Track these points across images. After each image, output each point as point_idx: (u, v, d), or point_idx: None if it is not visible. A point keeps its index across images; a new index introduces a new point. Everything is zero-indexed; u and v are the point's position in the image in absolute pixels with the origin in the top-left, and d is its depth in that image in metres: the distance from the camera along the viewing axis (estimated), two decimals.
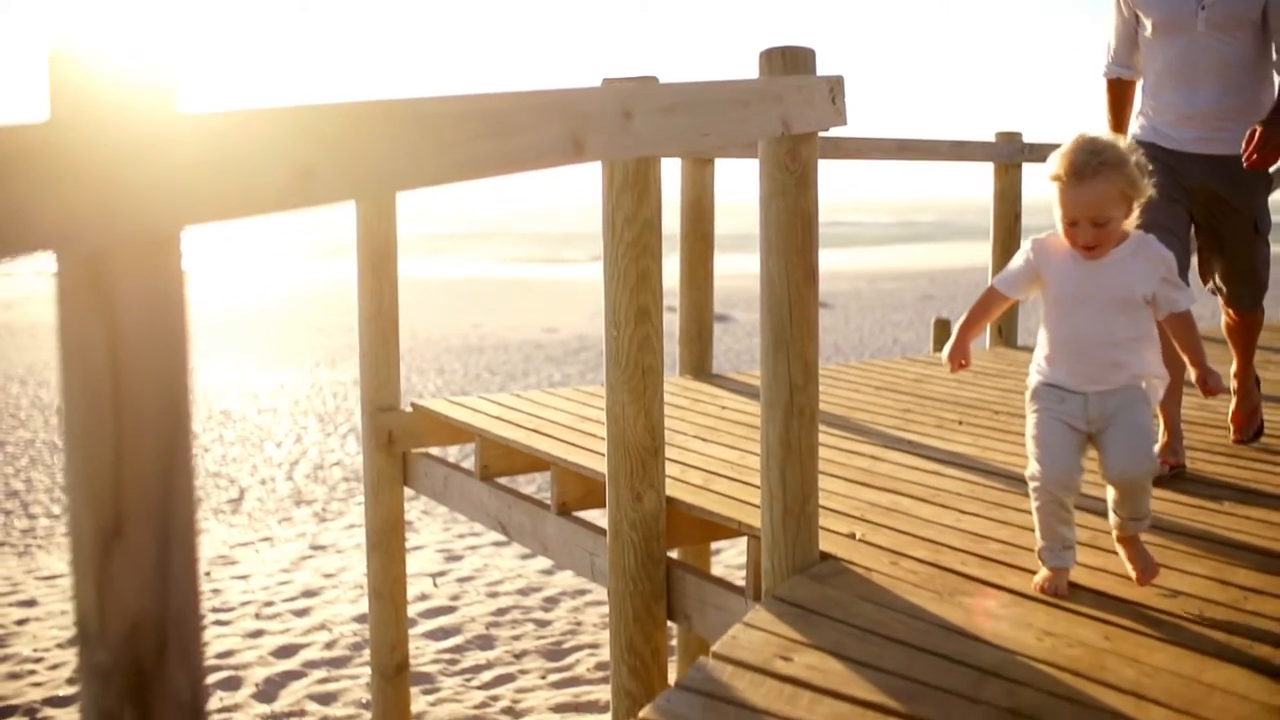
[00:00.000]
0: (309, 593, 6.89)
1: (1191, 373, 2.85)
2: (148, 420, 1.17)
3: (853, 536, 3.16)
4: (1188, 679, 2.29)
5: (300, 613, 6.56)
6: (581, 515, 3.92)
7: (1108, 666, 2.34)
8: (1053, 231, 2.80)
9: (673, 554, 3.51)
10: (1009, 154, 6.71)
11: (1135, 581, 2.80)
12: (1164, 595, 2.73)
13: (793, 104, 2.60)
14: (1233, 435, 4.33)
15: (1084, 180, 2.66)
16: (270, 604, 6.69)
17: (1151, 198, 2.75)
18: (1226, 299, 4.21)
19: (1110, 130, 4.10)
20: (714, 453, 4.07)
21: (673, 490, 3.46)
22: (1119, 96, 4.21)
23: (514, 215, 72.79)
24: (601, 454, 3.48)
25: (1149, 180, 2.73)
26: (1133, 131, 4.11)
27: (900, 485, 3.69)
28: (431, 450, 4.96)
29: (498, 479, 4.40)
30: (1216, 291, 4.23)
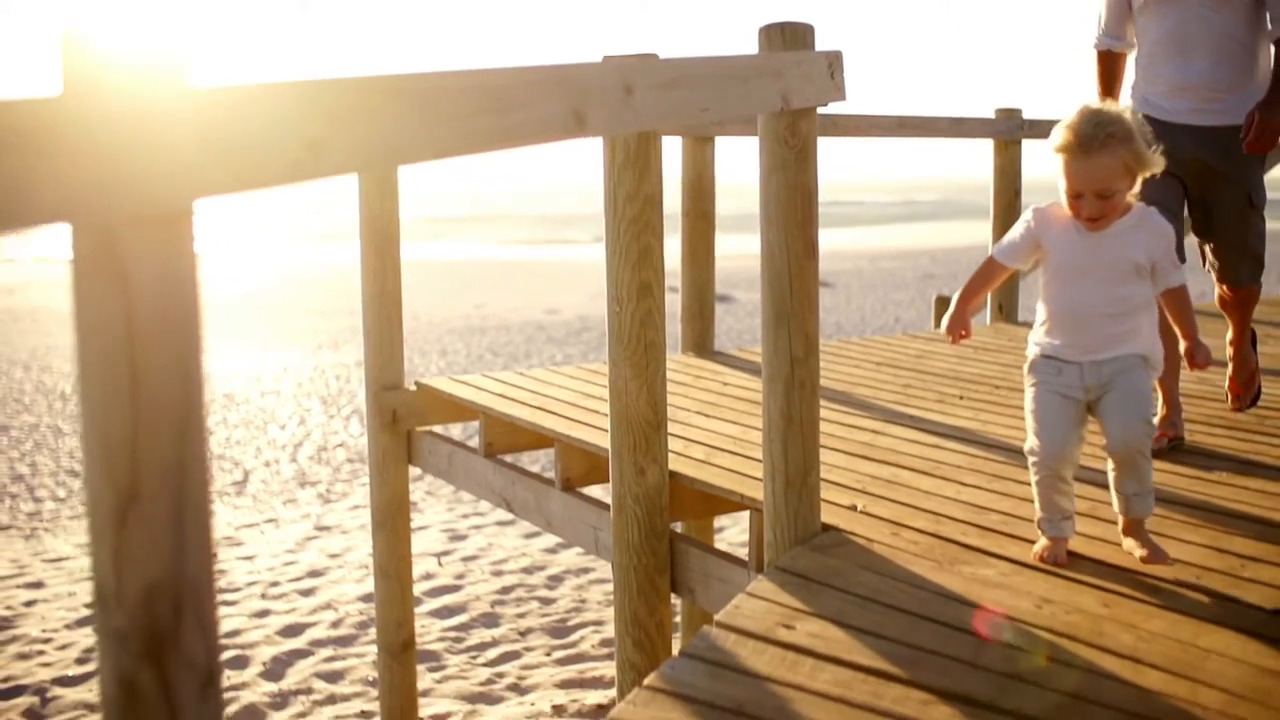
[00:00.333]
0: (314, 573, 6.93)
1: (1181, 345, 2.88)
2: (163, 389, 1.20)
3: (854, 508, 3.19)
4: (1184, 644, 2.32)
5: (306, 592, 6.60)
6: (585, 491, 3.95)
7: (1105, 632, 2.37)
8: (1054, 201, 2.81)
9: (676, 529, 3.55)
10: (1008, 130, 6.72)
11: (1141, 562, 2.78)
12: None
13: (792, 79, 2.62)
14: (1230, 404, 4.31)
15: (1090, 153, 2.65)
16: (276, 584, 6.73)
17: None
18: (1220, 274, 4.16)
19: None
20: (716, 428, 4.10)
21: (676, 465, 3.49)
22: (1109, 68, 4.19)
23: (515, 197, 72.76)
24: (605, 430, 3.51)
25: (1156, 150, 2.71)
26: (1123, 104, 4.11)
27: (901, 459, 3.72)
28: (435, 429, 4.99)
29: (502, 456, 4.43)
30: (1211, 268, 4.19)
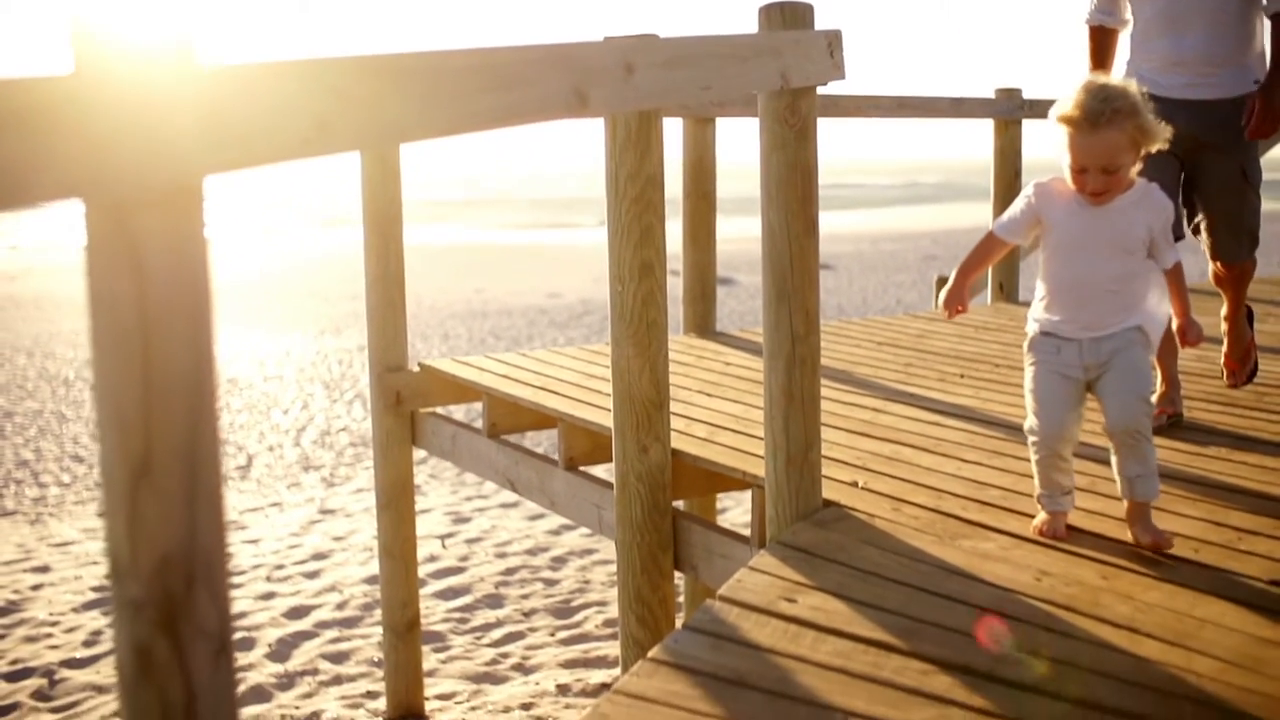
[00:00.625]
0: (319, 555, 6.96)
1: (1174, 322, 2.88)
2: (174, 363, 1.22)
3: (855, 485, 3.22)
4: (1180, 614, 2.35)
5: (311, 575, 6.63)
6: (589, 470, 3.98)
7: (1103, 603, 2.40)
8: (1055, 175, 2.80)
9: (679, 507, 3.57)
10: (1008, 110, 6.74)
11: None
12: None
13: (791, 58, 2.64)
14: (1226, 380, 4.30)
15: (1097, 128, 2.64)
16: (281, 567, 6.77)
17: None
18: (1214, 250, 4.13)
19: None
20: (718, 406, 4.13)
21: (678, 443, 3.52)
22: (1100, 44, 4.17)
23: (515, 181, 72.71)
24: (608, 409, 3.54)
25: (1161, 124, 2.71)
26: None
27: (902, 436, 3.75)
28: (438, 410, 5.02)
29: (505, 436, 4.46)
30: (1205, 245, 4.15)
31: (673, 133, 5.37)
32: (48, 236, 30.59)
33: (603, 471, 3.89)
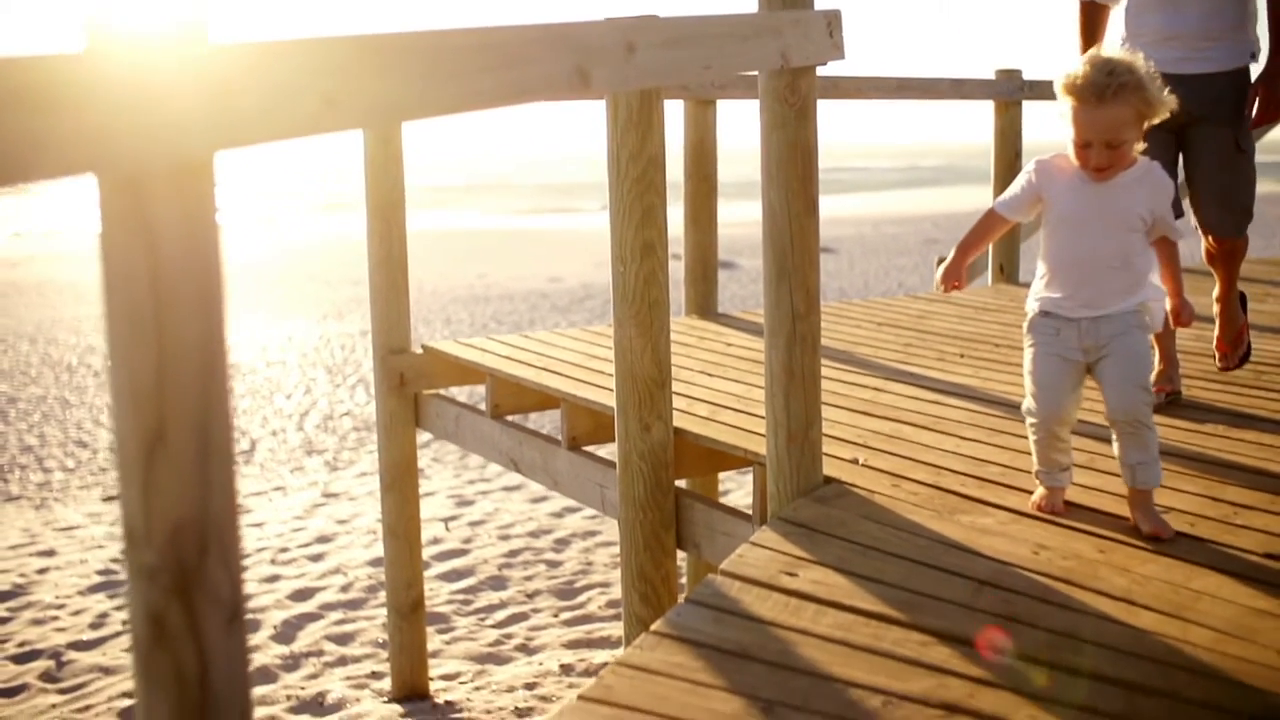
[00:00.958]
0: (323, 538, 7.00)
1: (1168, 301, 2.89)
2: (187, 334, 1.25)
3: (855, 462, 3.25)
4: (1176, 586, 2.38)
5: (315, 558, 6.67)
6: (591, 450, 4.01)
7: (1100, 576, 2.43)
8: (1057, 152, 2.80)
9: (681, 487, 3.60)
10: (1009, 91, 6.75)
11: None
12: (1157, 510, 2.82)
13: (791, 37, 2.66)
14: (1218, 363, 4.26)
15: (1103, 102, 2.63)
16: (285, 550, 6.81)
17: None
18: (1206, 224, 4.08)
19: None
20: (720, 386, 4.16)
21: (680, 422, 3.54)
22: (1091, 20, 4.16)
23: (515, 166, 72.65)
24: (610, 389, 3.56)
25: (1168, 97, 2.70)
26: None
27: (902, 414, 3.78)
28: (441, 392, 5.05)
29: (508, 417, 4.49)
30: (1198, 221, 4.10)
31: (674, 116, 5.40)
32: (51, 223, 30.60)
33: (606, 452, 3.92)
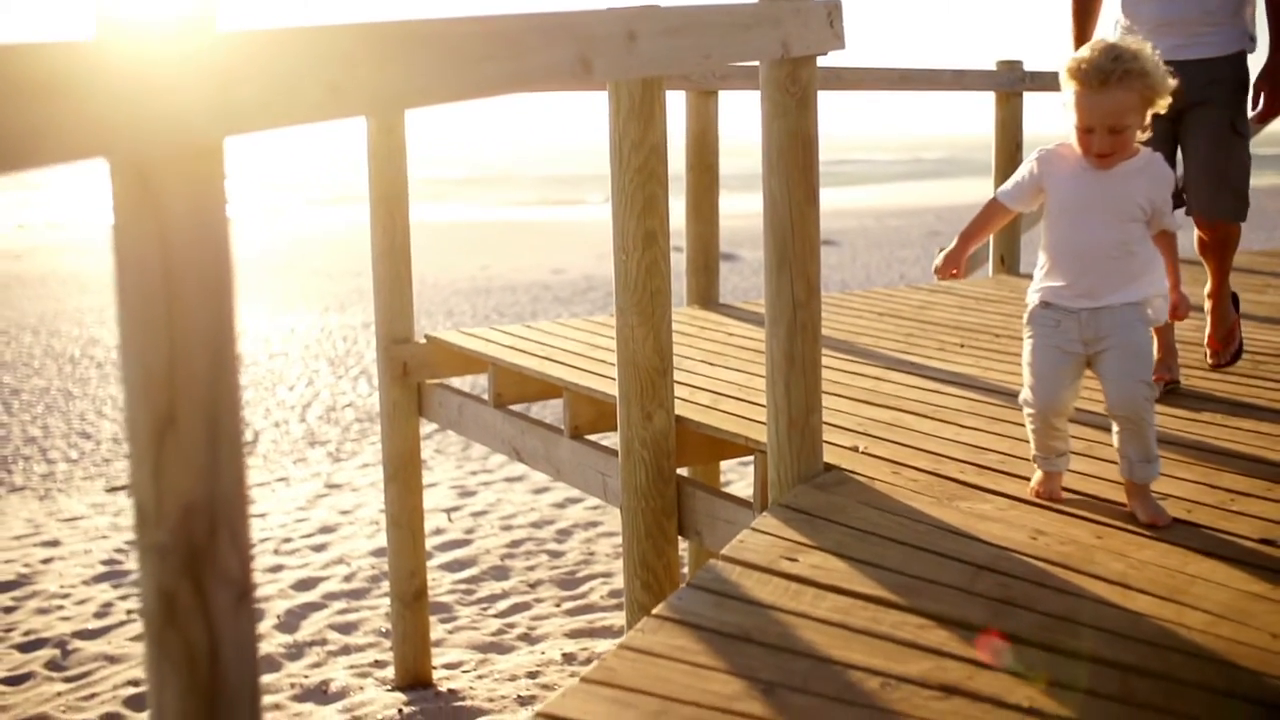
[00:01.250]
0: (326, 529, 7.03)
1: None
2: (197, 317, 1.27)
3: (856, 449, 3.27)
4: (1172, 570, 2.41)
5: (318, 548, 6.70)
6: (594, 438, 4.03)
7: (1097, 561, 2.45)
8: (1060, 142, 2.80)
9: (683, 474, 3.63)
10: (1010, 82, 6.76)
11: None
12: (1154, 498, 2.84)
13: (791, 27, 2.68)
14: (1209, 360, 4.21)
15: (1106, 86, 2.63)
16: (289, 540, 6.83)
17: None
18: (1199, 208, 4.01)
19: (1074, 42, 4.06)
20: (721, 375, 4.18)
21: (682, 410, 3.56)
22: (1083, 6, 4.15)
23: (517, 158, 72.62)
24: (612, 378, 3.59)
25: (1172, 83, 2.70)
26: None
27: (902, 403, 3.80)
28: (445, 382, 5.07)
29: (511, 406, 4.51)
30: (1191, 209, 4.03)
31: (676, 107, 5.42)
32: (54, 216, 30.62)
33: (608, 440, 3.94)
